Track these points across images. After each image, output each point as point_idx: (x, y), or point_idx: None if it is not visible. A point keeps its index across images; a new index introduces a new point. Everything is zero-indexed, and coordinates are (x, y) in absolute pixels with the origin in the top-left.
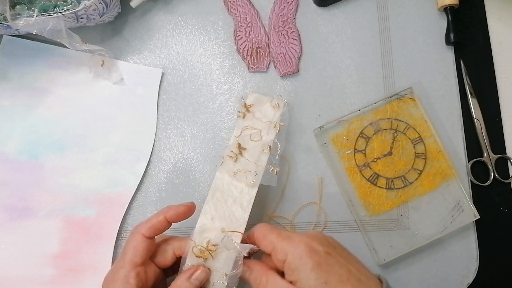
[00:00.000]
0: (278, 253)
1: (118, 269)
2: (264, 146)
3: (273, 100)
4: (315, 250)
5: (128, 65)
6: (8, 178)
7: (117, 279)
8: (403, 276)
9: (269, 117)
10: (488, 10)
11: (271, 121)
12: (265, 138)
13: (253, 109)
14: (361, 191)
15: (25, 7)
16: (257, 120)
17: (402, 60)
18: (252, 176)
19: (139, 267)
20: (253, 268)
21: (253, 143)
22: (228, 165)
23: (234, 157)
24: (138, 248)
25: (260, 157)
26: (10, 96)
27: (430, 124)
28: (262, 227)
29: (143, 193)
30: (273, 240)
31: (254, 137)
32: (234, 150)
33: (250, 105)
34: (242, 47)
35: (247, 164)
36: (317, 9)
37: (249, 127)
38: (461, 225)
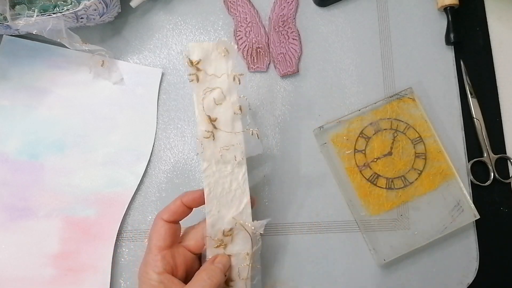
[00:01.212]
0: None
1: (146, 255)
2: (233, 107)
3: (218, 46)
4: None
5: (128, 65)
6: (8, 178)
7: (147, 263)
8: (403, 276)
9: (222, 69)
10: (488, 10)
11: (227, 73)
12: (230, 97)
13: (203, 65)
14: (361, 191)
15: (25, 7)
16: (211, 77)
17: (402, 60)
18: (237, 150)
19: (164, 250)
20: None
21: (220, 107)
22: (209, 149)
23: (210, 135)
24: (160, 232)
25: (234, 123)
26: (10, 96)
27: (430, 124)
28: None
29: (143, 193)
30: None
31: (218, 99)
32: (207, 126)
33: (198, 61)
34: (242, 47)
35: (226, 137)
36: (317, 9)
37: (208, 89)
38: (461, 225)
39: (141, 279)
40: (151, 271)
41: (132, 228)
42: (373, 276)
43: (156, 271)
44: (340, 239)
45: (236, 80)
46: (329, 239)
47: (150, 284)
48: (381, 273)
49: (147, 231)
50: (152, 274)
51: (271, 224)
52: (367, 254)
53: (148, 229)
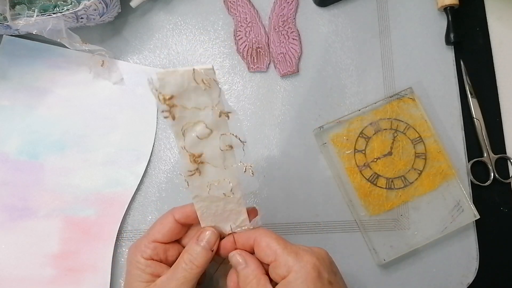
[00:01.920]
0: (280, 266)
1: (142, 238)
2: (221, 144)
3: (196, 75)
4: (321, 276)
5: (128, 65)
6: (8, 178)
7: (137, 247)
8: (403, 276)
9: (205, 102)
10: (488, 10)
11: (211, 106)
12: (217, 132)
13: (179, 100)
14: (361, 191)
15: (25, 7)
16: (191, 110)
17: (402, 60)
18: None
19: (158, 243)
20: (249, 264)
21: (205, 141)
22: (196, 183)
23: (195, 172)
24: (164, 227)
25: (225, 158)
26: (10, 96)
27: (430, 124)
28: (265, 234)
29: (143, 193)
30: (278, 251)
31: (201, 135)
32: (190, 166)
33: (171, 97)
34: (242, 47)
35: (215, 172)
36: (317, 9)
37: (189, 124)
38: (461, 225)
39: (128, 259)
40: (139, 255)
41: (132, 228)
42: (373, 276)
43: (144, 256)
44: (340, 239)
45: (223, 117)
46: (329, 239)
47: (136, 266)
48: (381, 273)
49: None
50: (140, 258)
51: (271, 224)
52: (367, 254)
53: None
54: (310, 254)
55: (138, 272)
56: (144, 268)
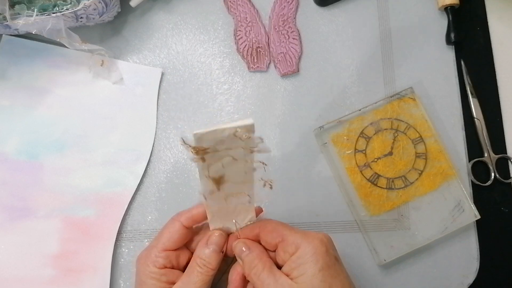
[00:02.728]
0: (288, 245)
1: (151, 248)
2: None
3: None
4: (328, 251)
5: (127, 64)
6: (7, 178)
7: (148, 257)
8: (403, 276)
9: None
10: (489, 10)
11: (243, 147)
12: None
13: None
14: (361, 191)
15: (25, 7)
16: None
17: (402, 59)
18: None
19: (170, 251)
20: (253, 250)
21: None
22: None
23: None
24: (173, 234)
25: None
26: (9, 96)
27: (431, 124)
28: (269, 220)
29: (143, 193)
30: (285, 232)
31: (227, 165)
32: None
33: (206, 148)
34: (242, 46)
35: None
36: (318, 9)
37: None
38: (461, 225)
39: (140, 269)
40: (151, 265)
41: (131, 228)
42: (373, 276)
43: (157, 265)
44: (340, 239)
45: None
46: None
47: (150, 276)
48: (382, 273)
49: (147, 231)
50: (153, 268)
51: None
52: (367, 254)
53: (148, 229)
54: (315, 233)
55: (153, 282)
56: (159, 277)
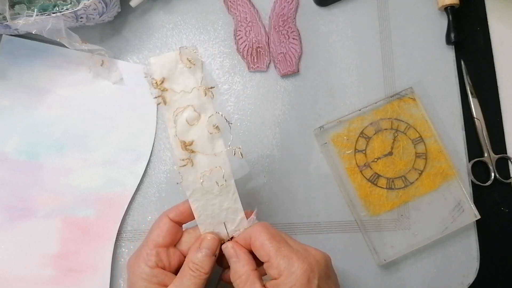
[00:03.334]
0: (272, 268)
1: (142, 247)
2: (209, 126)
3: (182, 56)
4: (310, 282)
5: (127, 64)
6: (7, 178)
7: (140, 256)
8: (403, 277)
9: (191, 83)
10: (489, 10)
11: (197, 87)
12: (204, 115)
13: (169, 83)
14: (361, 191)
15: (25, 7)
16: (180, 94)
17: (402, 59)
18: (221, 172)
19: (160, 247)
20: (240, 259)
21: (194, 128)
22: (190, 175)
23: (188, 162)
24: (162, 229)
25: (214, 143)
26: (9, 96)
27: (431, 124)
28: (260, 233)
29: (143, 193)
30: (271, 253)
31: (191, 119)
32: (183, 154)
33: (162, 80)
34: (242, 46)
35: (206, 160)
36: (318, 9)
37: (179, 109)
38: (461, 225)
39: (131, 271)
40: (143, 264)
41: (131, 228)
42: (373, 276)
43: (149, 264)
44: (340, 239)
45: (209, 94)
46: (329, 239)
47: (142, 277)
48: (382, 273)
49: (147, 231)
50: (144, 267)
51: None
52: (367, 254)
53: (148, 229)
54: (302, 260)
55: (144, 284)
56: (150, 278)
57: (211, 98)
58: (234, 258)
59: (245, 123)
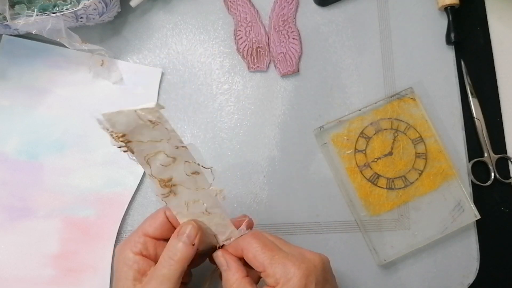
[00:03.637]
0: (269, 277)
1: (131, 235)
2: (186, 170)
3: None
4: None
5: (127, 64)
6: (7, 178)
7: (127, 242)
8: (403, 277)
9: (158, 135)
10: (489, 10)
11: (166, 139)
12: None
13: (132, 136)
14: (361, 191)
15: (25, 7)
16: (149, 143)
17: (402, 59)
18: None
19: (149, 237)
20: (230, 267)
21: (171, 168)
22: (173, 202)
23: (169, 194)
24: (156, 221)
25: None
26: (9, 96)
27: (431, 124)
28: (251, 244)
29: (143, 193)
30: (265, 263)
31: (165, 163)
32: (163, 190)
33: (124, 135)
34: (242, 46)
35: (189, 193)
36: (318, 9)
37: (150, 154)
38: (461, 225)
39: (116, 256)
40: (128, 250)
41: (132, 228)
42: (373, 276)
43: (134, 250)
44: (340, 239)
45: (181, 149)
46: (329, 239)
47: (124, 262)
48: (381, 273)
49: None
50: (129, 253)
51: (272, 224)
52: (367, 254)
53: None
54: (297, 266)
55: (125, 269)
56: (131, 264)
57: (184, 150)
58: (224, 267)
59: (245, 123)
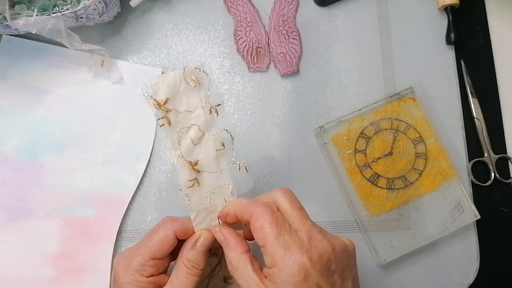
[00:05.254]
0: (266, 255)
1: (136, 255)
2: (215, 143)
3: (186, 75)
4: (308, 279)
5: (127, 64)
6: (7, 178)
7: (133, 265)
8: (403, 277)
9: (195, 102)
10: (489, 10)
11: (201, 106)
12: (208, 133)
13: (172, 104)
14: (361, 191)
15: (25, 7)
16: (184, 114)
17: (402, 59)
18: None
19: (157, 260)
20: (229, 243)
21: (199, 147)
22: (195, 196)
23: (194, 183)
24: (165, 244)
25: (219, 160)
26: (9, 96)
27: (431, 124)
28: (262, 214)
29: (143, 193)
30: (268, 239)
31: (196, 139)
32: (189, 175)
33: (166, 101)
34: (242, 46)
35: (212, 179)
36: (318, 9)
37: (183, 130)
38: (461, 225)
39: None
40: (138, 274)
41: (132, 228)
42: (373, 276)
43: (145, 275)
44: None
45: (213, 112)
46: None
47: (137, 285)
48: (382, 273)
49: (147, 231)
50: (139, 277)
51: None
52: (367, 254)
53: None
54: (302, 252)
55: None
56: (146, 285)
57: (215, 116)
58: (223, 243)
59: (245, 123)
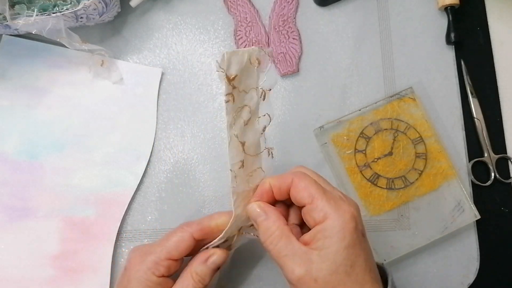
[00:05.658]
0: (316, 211)
1: (151, 252)
2: (260, 127)
3: (251, 55)
4: (357, 227)
5: (127, 64)
6: (7, 178)
7: (147, 262)
8: (403, 277)
9: (252, 83)
10: (489, 10)
11: (255, 88)
12: (255, 116)
13: (237, 82)
14: (361, 191)
15: (25, 7)
16: (241, 93)
17: (402, 59)
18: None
19: (172, 260)
20: (270, 216)
21: (247, 129)
22: (240, 178)
23: (241, 165)
24: (181, 244)
25: (260, 145)
26: (9, 96)
27: (431, 124)
28: (303, 177)
29: (143, 193)
30: (316, 195)
31: (246, 120)
32: (240, 156)
33: (235, 77)
34: (242, 46)
35: (250, 162)
36: (318, 9)
37: (238, 109)
38: (461, 225)
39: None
40: (150, 272)
41: (132, 228)
42: None
43: (156, 274)
44: None
45: (263, 96)
46: None
47: (146, 284)
48: None
49: (147, 231)
50: (151, 276)
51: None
52: None
53: (148, 229)
54: (348, 204)
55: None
56: (154, 286)
57: (262, 100)
58: (262, 217)
59: None
